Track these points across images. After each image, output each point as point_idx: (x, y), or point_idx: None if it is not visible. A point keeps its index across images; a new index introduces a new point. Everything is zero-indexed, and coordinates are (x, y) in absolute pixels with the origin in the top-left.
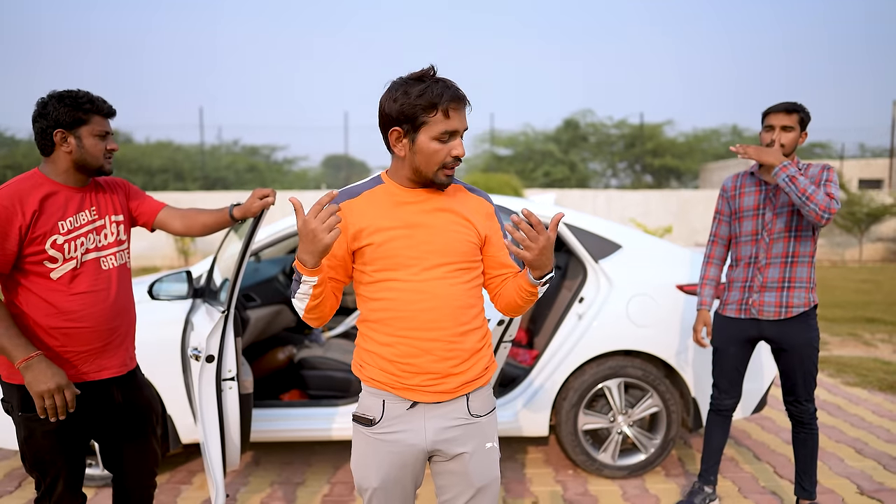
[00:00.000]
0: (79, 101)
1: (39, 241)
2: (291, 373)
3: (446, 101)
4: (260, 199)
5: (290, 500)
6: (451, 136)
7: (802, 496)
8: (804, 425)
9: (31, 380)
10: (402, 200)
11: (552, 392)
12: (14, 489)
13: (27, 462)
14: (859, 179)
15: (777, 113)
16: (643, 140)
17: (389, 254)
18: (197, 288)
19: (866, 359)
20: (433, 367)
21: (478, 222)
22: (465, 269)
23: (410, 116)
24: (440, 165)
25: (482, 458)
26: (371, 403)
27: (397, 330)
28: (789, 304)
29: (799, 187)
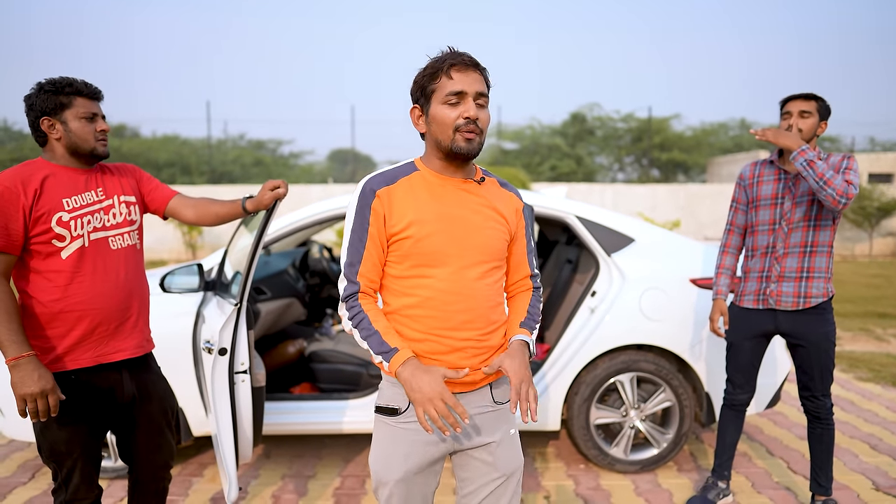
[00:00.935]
0: (59, 85)
1: (45, 220)
2: (302, 366)
3: (448, 63)
4: (271, 190)
5: (302, 493)
6: (459, 98)
7: (818, 492)
8: (820, 420)
9: (17, 381)
10: (439, 191)
11: (564, 386)
12: (28, 480)
13: (43, 453)
14: (869, 174)
15: (795, 100)
16: (650, 134)
17: (428, 250)
18: (208, 281)
19: (879, 354)
20: (461, 363)
21: (510, 219)
22: (498, 268)
23: (422, 89)
24: (454, 129)
25: (508, 444)
26: (394, 393)
27: (429, 328)
28: (808, 294)
29: (817, 171)
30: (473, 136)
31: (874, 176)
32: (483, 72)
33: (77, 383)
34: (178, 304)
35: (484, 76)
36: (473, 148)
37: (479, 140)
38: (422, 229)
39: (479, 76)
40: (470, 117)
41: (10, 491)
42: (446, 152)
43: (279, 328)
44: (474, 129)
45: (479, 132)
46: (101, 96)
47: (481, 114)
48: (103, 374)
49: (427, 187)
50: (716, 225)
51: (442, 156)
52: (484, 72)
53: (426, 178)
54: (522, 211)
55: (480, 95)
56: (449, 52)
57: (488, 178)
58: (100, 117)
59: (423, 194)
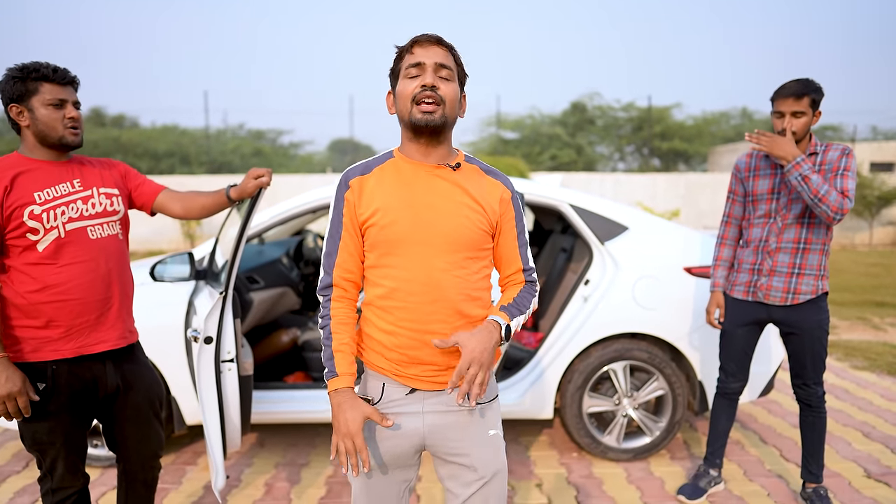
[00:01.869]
0: (26, 71)
1: (17, 214)
2: (295, 355)
3: (410, 42)
4: (255, 179)
5: (295, 481)
6: (419, 70)
7: (809, 479)
8: (812, 408)
9: None
10: (409, 177)
11: (557, 375)
12: (21, 469)
13: (26, 442)
14: (871, 162)
15: (786, 98)
16: (651, 123)
17: (392, 237)
18: (199, 269)
19: (875, 343)
20: (433, 360)
21: (490, 208)
22: (473, 259)
23: (392, 72)
24: (412, 99)
25: (486, 446)
26: (371, 385)
27: (398, 320)
28: (797, 290)
29: (811, 188)
30: (432, 106)
31: (875, 165)
32: (449, 48)
33: (58, 374)
34: (169, 294)
35: (450, 52)
36: (433, 119)
37: (440, 112)
38: (386, 216)
39: (442, 51)
40: (426, 84)
41: (3, 479)
42: (408, 127)
43: (273, 317)
44: (432, 96)
45: (440, 102)
46: (70, 81)
47: (443, 85)
48: (85, 365)
49: (397, 174)
50: (716, 214)
51: (410, 135)
52: (450, 48)
53: (398, 165)
54: (511, 200)
55: (442, 67)
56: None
57: (471, 164)
58: (70, 104)
59: (392, 181)
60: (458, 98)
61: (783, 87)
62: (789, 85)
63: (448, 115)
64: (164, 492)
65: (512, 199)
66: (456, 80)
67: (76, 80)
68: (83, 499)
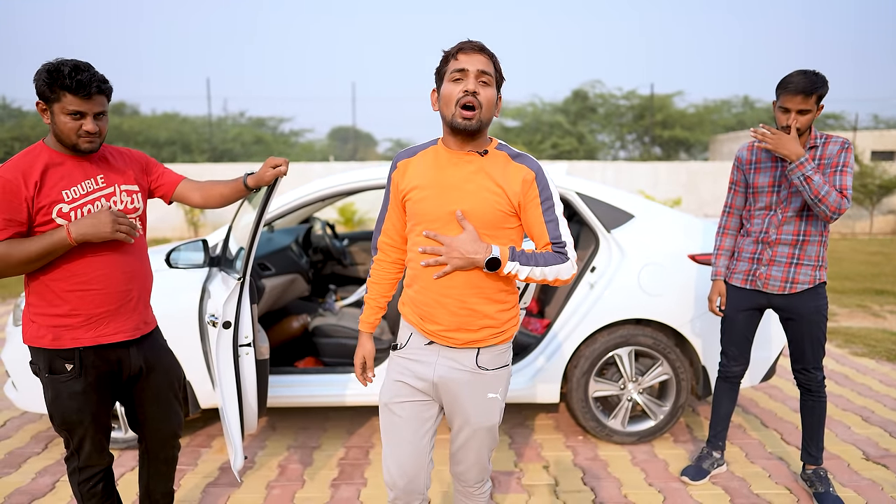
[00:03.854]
0: (54, 75)
1: (46, 211)
2: (306, 340)
3: (457, 48)
4: (273, 167)
5: (307, 463)
6: (462, 75)
7: (808, 461)
8: (812, 393)
9: (88, 231)
10: (443, 163)
11: (563, 360)
12: (41, 450)
13: (55, 422)
14: (872, 151)
15: (794, 96)
16: (653, 111)
17: (420, 211)
18: (213, 256)
19: (875, 330)
20: (445, 320)
21: (511, 190)
22: (492, 236)
23: (437, 73)
24: (455, 102)
25: (482, 403)
26: (403, 332)
27: (421, 281)
28: (795, 279)
29: (813, 188)
30: (471, 112)
31: (877, 153)
32: (490, 57)
33: (84, 356)
34: (184, 280)
35: (491, 60)
36: (471, 125)
37: (478, 116)
38: (419, 193)
39: (484, 59)
40: (468, 90)
41: (24, 461)
42: (450, 127)
43: (283, 303)
44: (472, 101)
45: (478, 106)
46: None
47: (482, 90)
48: (110, 349)
49: (435, 158)
50: (717, 202)
51: (449, 131)
52: (491, 57)
53: (437, 152)
54: (535, 181)
55: (483, 73)
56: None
57: (501, 151)
58: (90, 116)
59: (430, 164)
60: (494, 101)
61: (791, 83)
62: (797, 80)
63: (484, 118)
64: (181, 472)
65: (537, 180)
66: (494, 85)
67: (105, 90)
68: (108, 477)
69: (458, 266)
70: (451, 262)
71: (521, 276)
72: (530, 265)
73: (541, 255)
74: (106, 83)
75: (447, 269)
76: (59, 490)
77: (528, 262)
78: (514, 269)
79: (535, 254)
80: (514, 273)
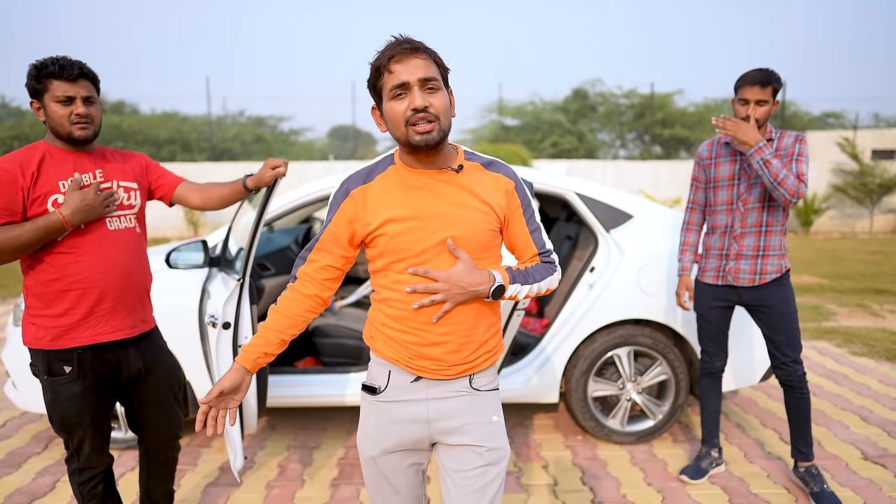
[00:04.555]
0: (39, 68)
1: (41, 201)
2: (305, 341)
3: (386, 56)
4: (272, 169)
5: (307, 463)
6: (403, 90)
7: (799, 458)
8: (794, 389)
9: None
10: (413, 184)
11: (562, 360)
12: (41, 450)
13: (54, 424)
14: (872, 150)
15: (752, 86)
16: (653, 110)
17: (401, 247)
18: (213, 257)
19: (874, 329)
20: (442, 357)
21: (497, 204)
22: (482, 259)
23: (373, 88)
24: (405, 123)
25: (490, 428)
26: (378, 373)
27: (408, 322)
28: (763, 271)
29: (772, 171)
30: (428, 124)
31: (877, 152)
32: (430, 54)
33: (83, 358)
34: (184, 280)
35: (430, 58)
36: (432, 138)
37: (437, 128)
38: (396, 226)
39: (423, 60)
40: (416, 108)
41: (24, 460)
42: (405, 146)
43: None
44: (426, 116)
45: (434, 118)
46: (80, 76)
47: (433, 99)
48: (109, 350)
49: (401, 182)
50: None
51: (408, 150)
52: (431, 54)
53: (400, 173)
54: (515, 189)
55: (427, 81)
56: (391, 42)
57: (471, 161)
58: (79, 100)
59: (397, 190)
60: (448, 104)
61: (748, 75)
62: (754, 73)
63: (444, 127)
64: (181, 472)
65: (516, 189)
66: (442, 86)
67: (89, 74)
68: (108, 477)
69: (460, 301)
70: (451, 299)
71: (520, 297)
72: (528, 283)
73: (535, 270)
74: (89, 69)
75: (447, 308)
76: (59, 490)
77: (525, 280)
78: (516, 291)
79: (528, 270)
80: (515, 295)
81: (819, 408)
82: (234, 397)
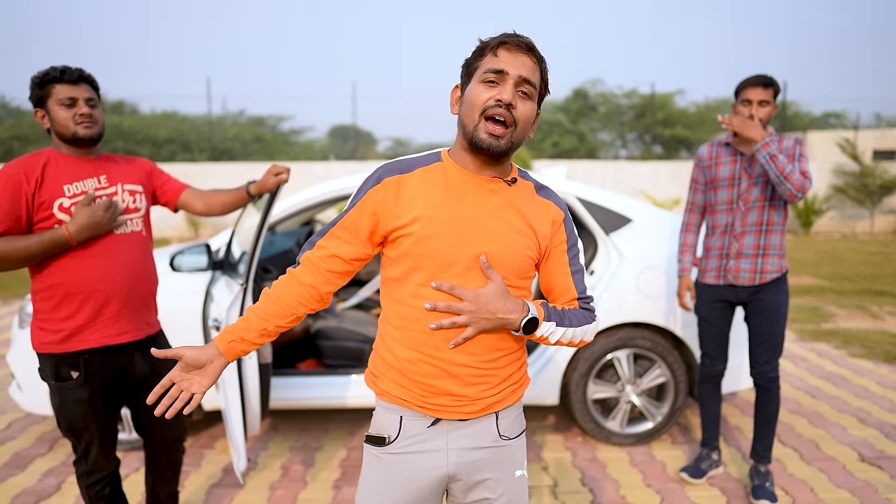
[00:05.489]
0: (42, 76)
1: (46, 206)
2: (307, 343)
3: (498, 41)
4: (275, 175)
5: (309, 464)
6: (498, 77)
7: (755, 458)
8: (763, 389)
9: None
10: (458, 187)
11: (563, 362)
12: (46, 451)
13: (62, 427)
14: (874, 150)
15: (755, 87)
16: (653, 110)
17: (429, 252)
18: (216, 260)
19: (873, 331)
20: (459, 391)
21: (541, 232)
22: (514, 287)
23: (466, 67)
24: (481, 111)
25: (511, 486)
26: (386, 420)
27: (420, 346)
28: (763, 269)
29: (778, 166)
30: (503, 128)
31: (879, 153)
32: (539, 61)
33: (90, 363)
34: (187, 283)
35: (539, 65)
36: (499, 146)
37: (508, 136)
38: (427, 228)
39: (531, 62)
40: (502, 100)
41: (29, 461)
42: (469, 141)
43: None
44: (504, 115)
45: (511, 124)
46: (80, 79)
47: (520, 103)
48: (115, 354)
49: (445, 181)
50: None
51: (467, 146)
52: (540, 61)
53: (447, 171)
54: (563, 222)
55: (525, 82)
56: (508, 32)
57: (525, 180)
58: (81, 101)
59: (438, 188)
60: (532, 119)
61: (751, 77)
62: (756, 76)
63: (516, 139)
64: (185, 473)
65: (564, 222)
66: (535, 99)
67: (89, 78)
68: (115, 480)
69: (485, 329)
70: (476, 325)
71: (552, 340)
72: (564, 326)
73: (572, 314)
74: (89, 73)
75: (468, 334)
76: (64, 491)
77: (561, 321)
78: (549, 331)
79: (565, 311)
80: (546, 336)
81: (817, 409)
82: (199, 380)
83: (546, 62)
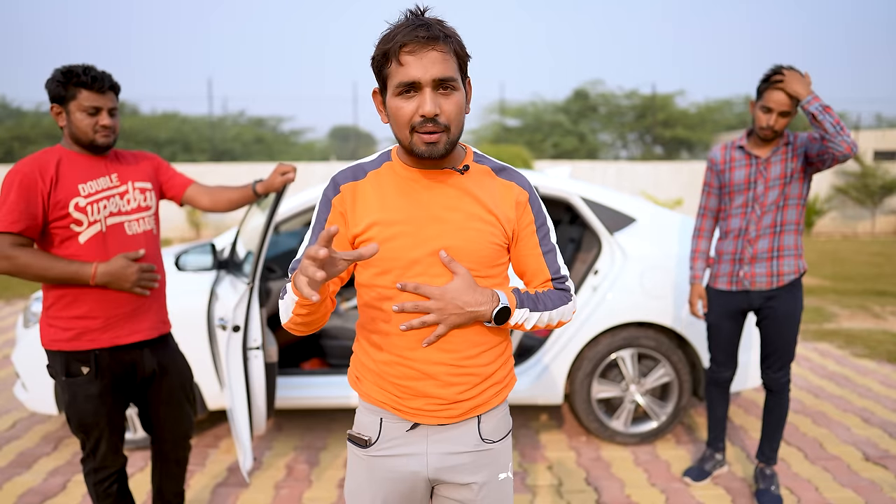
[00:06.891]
0: (68, 75)
1: (62, 205)
2: (312, 342)
3: (398, 44)
4: (282, 175)
5: (313, 463)
6: (413, 90)
7: (761, 460)
8: (774, 393)
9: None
10: (409, 185)
11: (567, 362)
12: (51, 450)
13: (72, 424)
14: (875, 151)
15: (777, 92)
16: (654, 111)
17: (389, 255)
18: (221, 260)
19: (876, 331)
20: (437, 393)
21: (504, 216)
22: (484, 277)
23: (377, 72)
24: (409, 129)
25: (494, 490)
26: (367, 421)
27: (394, 348)
28: (780, 272)
29: (833, 116)
30: (435, 135)
31: (880, 153)
32: (448, 43)
33: (100, 359)
34: (192, 283)
35: (450, 50)
36: (438, 150)
37: (446, 140)
38: (384, 231)
39: (441, 53)
40: (426, 115)
41: (35, 461)
42: (408, 152)
43: None
44: (434, 128)
45: (444, 129)
46: (108, 89)
47: (446, 104)
48: (125, 351)
49: (395, 181)
50: None
51: (410, 153)
52: (449, 42)
53: (396, 171)
54: (529, 202)
55: (442, 82)
56: (404, 21)
57: (480, 164)
58: (105, 111)
59: (390, 190)
60: (463, 105)
61: (774, 78)
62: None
63: (454, 136)
64: (190, 472)
65: (530, 201)
66: (460, 83)
67: (116, 87)
68: (122, 477)
69: (456, 325)
70: (446, 322)
71: (527, 326)
72: (538, 310)
73: (546, 297)
74: (116, 81)
75: (440, 332)
76: (70, 490)
77: (535, 306)
78: (523, 317)
79: (538, 295)
80: (521, 323)
81: (821, 409)
82: None
83: (455, 35)
